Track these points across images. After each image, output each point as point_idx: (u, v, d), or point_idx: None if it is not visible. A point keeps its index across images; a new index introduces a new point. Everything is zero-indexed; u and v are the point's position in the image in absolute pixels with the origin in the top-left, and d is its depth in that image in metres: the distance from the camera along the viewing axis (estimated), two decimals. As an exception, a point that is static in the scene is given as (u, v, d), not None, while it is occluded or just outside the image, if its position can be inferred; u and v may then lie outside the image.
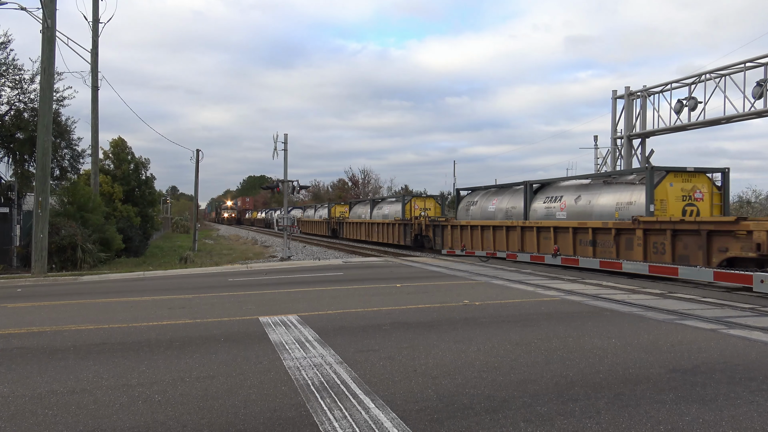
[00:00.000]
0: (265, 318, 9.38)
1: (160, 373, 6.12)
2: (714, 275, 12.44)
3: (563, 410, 4.81)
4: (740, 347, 7.08)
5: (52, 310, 10.92)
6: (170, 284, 15.34)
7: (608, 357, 6.59)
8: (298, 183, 27.48)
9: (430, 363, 6.39)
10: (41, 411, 4.99)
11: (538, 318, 9.22)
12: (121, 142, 32.64)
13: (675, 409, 4.83)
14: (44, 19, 18.92)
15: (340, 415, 4.78)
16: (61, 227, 21.27)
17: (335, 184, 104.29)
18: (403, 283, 14.33)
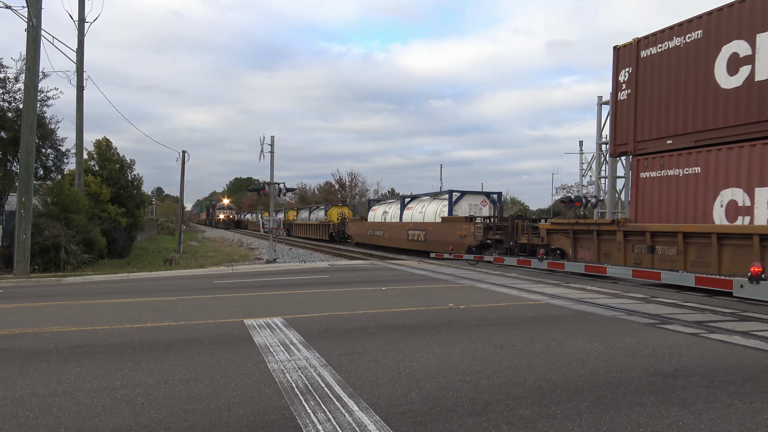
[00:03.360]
0: (250, 320, 9.36)
1: (144, 376, 6.09)
2: (695, 280, 12.59)
3: (545, 413, 4.86)
4: (720, 351, 7.18)
5: (34, 311, 10.81)
6: (155, 286, 15.25)
7: (591, 360, 6.65)
8: (285, 185, 27.41)
9: (414, 366, 6.41)
10: (22, 413, 4.95)
11: (522, 321, 9.28)
12: (105, 142, 32.38)
13: (655, 412, 4.89)
14: (29, 17, 18.77)
15: (323, 417, 4.79)
16: (44, 228, 21.06)
17: (322, 187, 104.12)
18: (388, 286, 14.35)
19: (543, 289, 13.53)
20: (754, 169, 13.55)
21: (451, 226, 26.68)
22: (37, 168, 27.47)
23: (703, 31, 15.17)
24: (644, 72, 17.02)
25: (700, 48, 15.25)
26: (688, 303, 11.39)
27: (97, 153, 32.03)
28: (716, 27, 14.77)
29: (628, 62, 17.67)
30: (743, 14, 14.00)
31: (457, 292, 13.24)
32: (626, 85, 17.71)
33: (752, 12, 13.74)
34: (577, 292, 12.98)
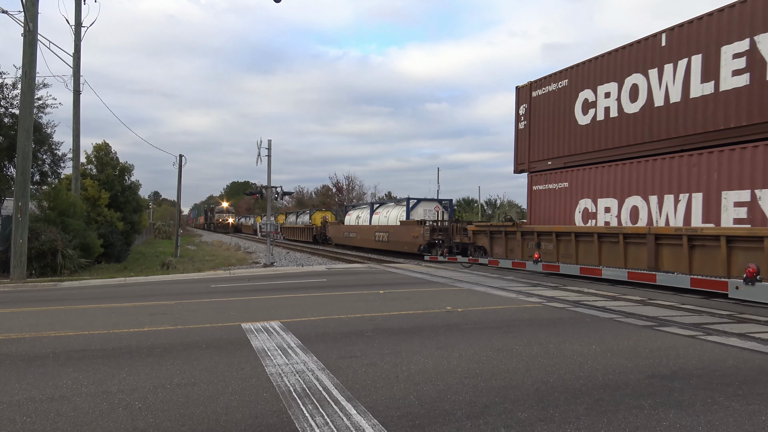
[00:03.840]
0: (247, 324, 9.35)
1: (141, 380, 6.08)
2: (691, 281, 12.61)
3: (543, 416, 4.86)
4: (717, 353, 7.19)
5: (31, 316, 10.79)
6: (152, 290, 15.23)
7: (588, 363, 6.66)
8: (282, 189, 27.41)
9: (412, 369, 6.41)
10: (19, 418, 4.94)
11: (520, 324, 9.28)
12: (105, 146, 32.35)
13: (653, 414, 4.90)
14: (26, 22, 18.76)
15: (321, 421, 4.79)
16: (41, 232, 21.02)
17: (319, 190, 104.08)
18: (386, 289, 14.35)
19: (540, 292, 13.54)
20: (598, 185, 18.05)
21: (408, 229, 31.22)
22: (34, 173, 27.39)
23: (568, 80, 19.53)
24: (535, 108, 21.16)
25: (566, 93, 19.60)
26: (685, 305, 11.41)
27: (96, 157, 32.00)
28: (575, 78, 19.24)
29: (524, 99, 21.74)
30: (590, 70, 18.55)
31: (455, 295, 13.25)
32: (524, 117, 21.76)
33: (595, 68, 18.32)
34: (574, 295, 13.00)
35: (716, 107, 14.31)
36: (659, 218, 15.71)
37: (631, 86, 16.90)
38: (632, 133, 16.79)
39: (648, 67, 16.33)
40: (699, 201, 14.54)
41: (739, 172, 13.63)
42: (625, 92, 17.13)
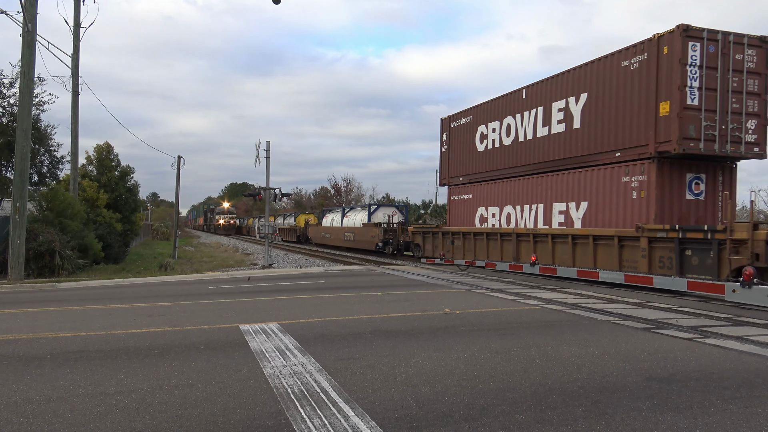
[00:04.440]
0: (245, 326, 9.34)
1: (139, 381, 6.07)
2: (688, 284, 12.63)
3: (541, 418, 4.86)
4: (715, 356, 7.20)
5: (28, 317, 10.77)
6: (150, 291, 15.21)
7: (586, 365, 6.66)
8: (280, 190, 27.38)
9: (410, 371, 6.41)
10: (16, 419, 4.93)
11: (518, 327, 9.29)
12: (106, 147, 32.33)
13: (650, 416, 4.90)
14: (24, 23, 18.75)
15: (319, 423, 4.78)
16: (38, 233, 21.00)
17: (318, 192, 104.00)
18: (384, 291, 14.35)
19: (538, 294, 13.55)
20: (489, 196, 23.68)
21: (368, 230, 36.64)
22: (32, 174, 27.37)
23: (471, 117, 25.26)
24: (452, 136, 26.96)
25: (470, 127, 25.34)
26: (682, 308, 11.42)
27: (96, 158, 31.97)
28: (476, 116, 24.88)
29: (446, 129, 27.57)
30: (484, 110, 24.16)
31: (453, 297, 13.25)
32: (445, 143, 27.63)
33: (488, 109, 23.87)
34: (572, 297, 13.00)
35: (550, 145, 19.92)
36: (521, 222, 21.52)
37: (506, 125, 22.58)
38: (507, 160, 22.46)
39: (516, 112, 21.94)
40: (541, 210, 20.47)
41: (561, 191, 19.39)
42: (503, 129, 22.80)
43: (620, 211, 16.88)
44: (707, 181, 16.39)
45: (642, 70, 16.14)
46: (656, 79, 15.62)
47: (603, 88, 17.56)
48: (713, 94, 15.29)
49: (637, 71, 16.30)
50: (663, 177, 15.81)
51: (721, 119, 15.38)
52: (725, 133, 15.46)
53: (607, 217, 17.35)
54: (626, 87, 16.69)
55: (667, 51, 15.31)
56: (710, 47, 15.27)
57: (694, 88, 15.11)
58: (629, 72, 16.60)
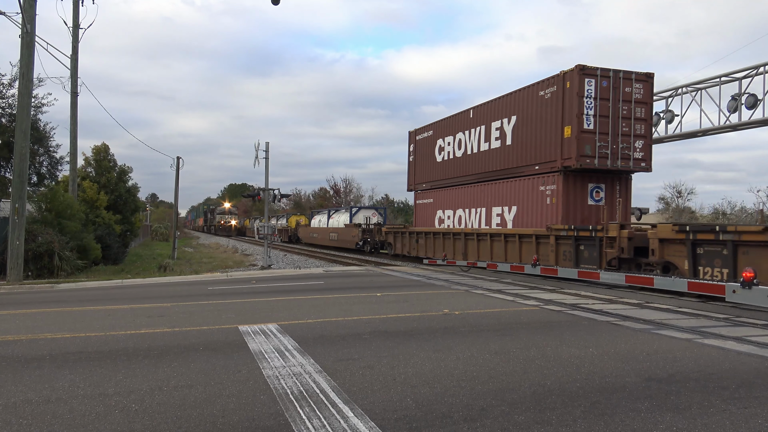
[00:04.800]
0: (244, 327, 9.34)
1: (138, 382, 6.07)
2: (688, 285, 12.63)
3: (540, 419, 4.86)
4: (714, 357, 7.20)
5: (27, 318, 10.76)
6: (149, 293, 15.21)
7: (585, 366, 6.67)
8: (279, 191, 27.40)
9: (409, 372, 6.41)
10: (15, 421, 4.93)
11: (517, 327, 9.29)
12: (104, 148, 32.34)
13: (650, 417, 4.90)
14: (23, 24, 18.75)
15: (318, 424, 4.78)
16: (38, 234, 20.99)
17: (317, 193, 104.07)
18: (383, 292, 14.35)
19: (538, 295, 13.55)
20: (445, 201, 27.01)
21: (349, 230, 40.75)
22: (31, 175, 27.38)
23: (432, 131, 28.76)
24: (417, 148, 30.42)
25: (431, 140, 28.77)
26: (682, 308, 11.42)
27: (95, 159, 31.97)
28: (436, 130, 28.35)
29: (412, 141, 31.05)
30: (442, 126, 27.62)
31: (452, 297, 13.25)
32: (412, 153, 31.08)
33: (444, 126, 27.35)
34: (571, 298, 13.00)
35: (490, 158, 23.34)
36: (469, 223, 24.77)
37: (458, 140, 25.92)
38: (459, 169, 25.80)
39: (465, 129, 25.30)
40: (484, 213, 23.76)
41: (498, 197, 22.75)
42: (456, 143, 26.12)
43: (538, 215, 20.30)
44: (606, 189, 19.92)
45: (553, 100, 19.43)
46: (562, 108, 18.92)
47: (527, 113, 20.88)
48: (606, 120, 18.69)
49: (550, 100, 19.58)
50: (568, 187, 19.27)
51: (612, 140, 18.84)
52: (617, 152, 18.92)
53: (530, 219, 20.72)
54: (542, 113, 19.97)
55: (569, 85, 18.67)
56: (603, 82, 18.72)
57: (590, 116, 18.50)
58: (544, 101, 19.87)
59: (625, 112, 19.00)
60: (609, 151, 18.75)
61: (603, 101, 18.65)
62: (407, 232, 30.41)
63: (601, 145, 18.61)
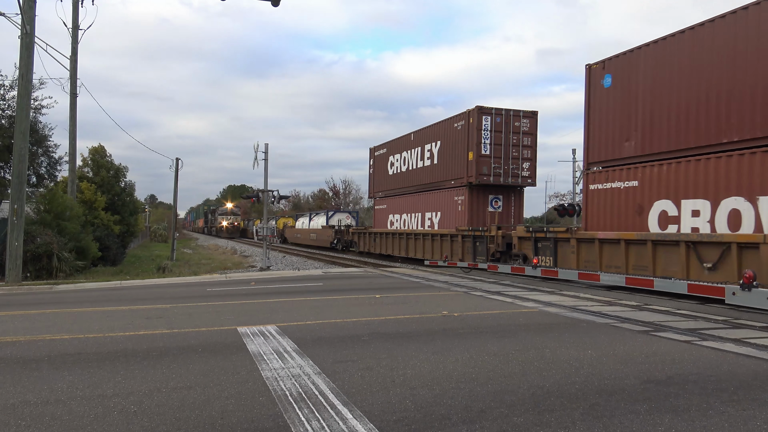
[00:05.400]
0: (243, 328, 9.34)
1: (136, 384, 6.06)
2: (688, 287, 12.64)
3: (539, 421, 4.86)
4: (713, 359, 7.21)
5: (26, 319, 10.75)
6: (147, 294, 15.20)
7: (584, 368, 6.67)
8: (278, 193, 27.39)
9: (408, 373, 6.41)
10: (14, 422, 4.92)
11: (516, 329, 9.29)
12: (101, 149, 32.34)
13: (648, 419, 4.90)
14: (23, 25, 18.75)
15: (317, 425, 4.78)
16: (36, 235, 20.97)
17: (316, 194, 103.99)
18: (382, 293, 14.34)
19: (537, 297, 13.55)
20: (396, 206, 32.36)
21: (325, 231, 45.78)
22: (30, 176, 27.35)
23: (386, 149, 34.08)
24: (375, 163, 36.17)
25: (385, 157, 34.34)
26: (680, 310, 11.43)
27: (92, 160, 31.96)
28: (388, 149, 33.74)
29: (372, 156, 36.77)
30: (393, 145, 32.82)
31: (451, 299, 13.25)
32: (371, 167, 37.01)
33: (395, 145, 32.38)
34: (570, 300, 13.01)
35: (424, 173, 28.92)
36: (411, 225, 30.03)
37: (404, 157, 31.33)
38: (404, 181, 31.26)
39: (408, 149, 30.89)
40: (420, 217, 29.18)
41: (428, 204, 28.30)
42: (402, 160, 31.51)
43: (454, 219, 25.87)
44: (504, 200, 25.70)
45: (462, 131, 25.26)
46: (467, 137, 24.73)
47: (447, 139, 26.67)
48: (500, 147, 24.49)
49: (460, 131, 25.42)
50: (473, 198, 25.06)
51: (505, 162, 24.71)
52: (508, 171, 24.76)
53: (449, 222, 26.24)
54: (456, 140, 25.76)
55: (471, 121, 24.51)
56: (497, 119, 24.48)
57: (486, 144, 24.34)
58: (457, 131, 25.73)
59: (515, 141, 24.78)
60: (502, 171, 24.56)
61: (497, 133, 24.51)
62: (367, 233, 36.00)
63: (495, 166, 24.45)
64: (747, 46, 13.30)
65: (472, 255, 23.03)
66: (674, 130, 15.12)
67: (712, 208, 13.92)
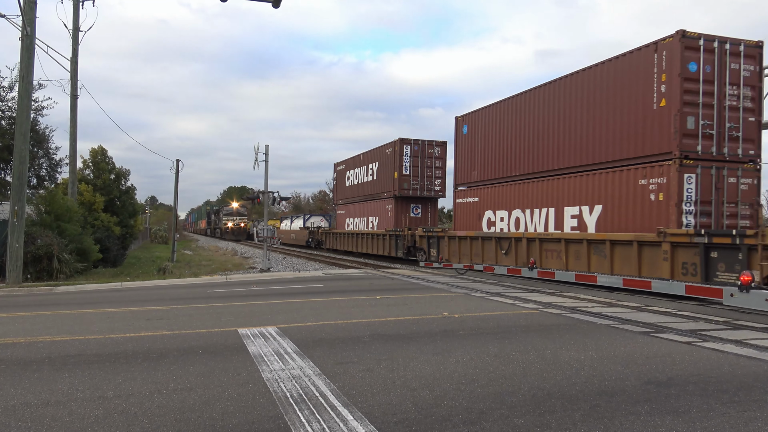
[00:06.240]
0: (243, 330, 9.34)
1: (137, 385, 6.06)
2: (686, 289, 12.64)
3: (540, 422, 4.86)
4: (713, 360, 7.21)
5: (26, 320, 10.75)
6: (148, 295, 15.20)
7: (585, 369, 6.67)
8: (279, 194, 27.40)
9: (408, 375, 6.41)
10: (14, 423, 4.92)
11: (516, 330, 9.29)
12: (101, 151, 32.32)
13: (649, 420, 4.90)
14: (23, 26, 18.76)
15: (318, 427, 4.78)
16: (37, 237, 20.96)
17: (316, 195, 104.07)
18: (382, 295, 14.34)
19: (537, 298, 13.54)
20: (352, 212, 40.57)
21: (302, 231, 52.79)
22: (31, 177, 27.36)
23: (344, 165, 42.09)
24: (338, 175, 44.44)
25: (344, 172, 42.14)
26: (681, 312, 11.43)
27: (92, 161, 31.95)
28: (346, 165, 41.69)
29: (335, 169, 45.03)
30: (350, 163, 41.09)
31: (452, 301, 13.25)
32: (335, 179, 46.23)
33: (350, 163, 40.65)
34: (570, 301, 13.00)
35: (368, 186, 36.26)
36: (362, 227, 37.15)
37: (356, 173, 38.98)
38: (356, 192, 38.98)
39: (358, 166, 38.39)
40: (366, 220, 36.41)
41: (371, 211, 35.46)
42: (355, 175, 39.24)
43: (384, 221, 33.72)
44: (423, 208, 33.25)
45: (391, 155, 32.70)
46: (393, 161, 32.21)
47: (382, 161, 34.19)
48: (417, 168, 32.06)
49: (390, 155, 32.81)
50: (398, 206, 32.54)
51: (421, 180, 32.24)
52: (424, 186, 32.31)
53: (383, 224, 33.75)
54: (387, 162, 33.26)
55: (396, 149, 31.89)
56: (415, 147, 32.00)
57: (407, 166, 31.87)
58: (388, 155, 33.22)
59: (428, 164, 32.40)
60: (419, 186, 32.34)
61: (415, 158, 32.26)
62: (331, 233, 43.14)
63: (413, 182, 32.15)
64: (526, 118, 21.15)
65: (394, 249, 30.54)
66: (494, 166, 23.16)
67: (508, 216, 21.90)
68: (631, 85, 16.37)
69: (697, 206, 14.87)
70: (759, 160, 15.74)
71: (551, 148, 19.68)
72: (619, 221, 16.55)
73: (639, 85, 16.06)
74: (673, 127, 14.87)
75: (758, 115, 15.69)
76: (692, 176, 14.89)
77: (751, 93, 15.54)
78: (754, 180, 15.62)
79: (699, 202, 14.88)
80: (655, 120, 15.52)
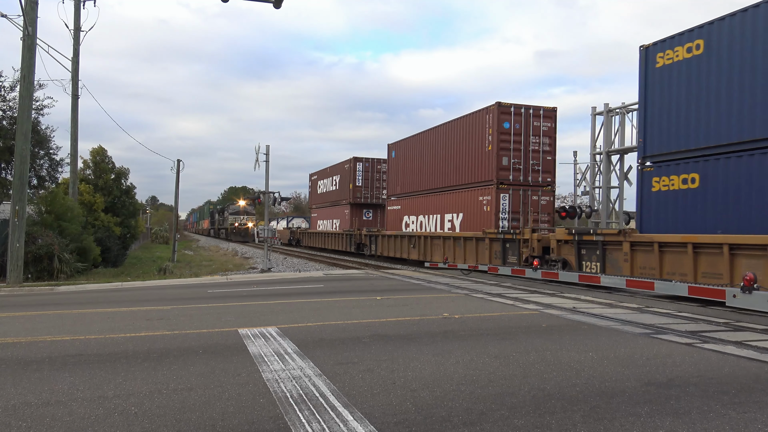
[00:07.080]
0: (244, 330, 9.34)
1: (137, 385, 6.07)
2: (688, 290, 12.63)
3: (540, 423, 4.86)
4: (714, 361, 7.20)
5: (27, 320, 10.76)
6: (148, 295, 15.20)
7: (585, 370, 6.66)
8: (279, 194, 27.42)
9: (409, 376, 6.41)
10: (15, 423, 4.93)
11: (517, 331, 9.29)
12: (101, 151, 32.35)
13: (649, 422, 4.90)
14: (25, 26, 18.78)
15: (318, 427, 4.78)
16: (38, 236, 20.99)
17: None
18: (383, 295, 14.35)
19: (537, 299, 13.54)
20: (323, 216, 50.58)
21: (285, 231, 59.25)
22: (31, 177, 27.38)
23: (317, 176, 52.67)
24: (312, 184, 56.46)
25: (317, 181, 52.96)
26: (682, 313, 11.42)
27: (92, 162, 31.98)
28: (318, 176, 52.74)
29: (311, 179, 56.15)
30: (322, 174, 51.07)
31: (452, 301, 13.24)
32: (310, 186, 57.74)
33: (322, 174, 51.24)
34: (571, 302, 13.00)
35: (333, 195, 46.32)
36: (328, 227, 46.62)
37: (325, 182, 48.07)
38: (325, 199, 48.29)
39: (326, 177, 47.92)
40: (331, 221, 46.45)
41: (335, 214, 45.57)
42: (325, 184, 48.20)
43: (344, 223, 42.02)
44: (373, 212, 41.54)
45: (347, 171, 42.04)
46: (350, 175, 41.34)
47: (342, 175, 42.86)
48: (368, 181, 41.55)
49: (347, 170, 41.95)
50: (354, 211, 41.01)
51: (371, 190, 41.10)
52: (374, 195, 41.16)
53: (342, 226, 42.21)
54: (345, 177, 42.12)
55: (351, 165, 41.66)
56: (366, 164, 41.33)
57: (360, 179, 41.53)
58: (346, 170, 41.72)
59: (377, 177, 40.91)
60: (370, 195, 40.94)
61: (366, 172, 40.88)
62: (307, 233, 52.67)
63: (365, 192, 40.91)
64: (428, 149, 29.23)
65: (349, 245, 37.51)
66: (410, 182, 31.31)
67: (417, 220, 29.93)
68: (475, 134, 24.74)
69: (509, 215, 23.15)
70: (554, 185, 24.36)
71: (439, 171, 28.01)
72: (471, 224, 24.69)
73: (478, 134, 24.44)
74: (495, 163, 23.16)
75: (553, 155, 24.28)
76: (506, 195, 23.25)
77: (548, 141, 24.06)
78: (550, 198, 24.26)
79: (511, 212, 23.15)
80: (486, 158, 23.84)
